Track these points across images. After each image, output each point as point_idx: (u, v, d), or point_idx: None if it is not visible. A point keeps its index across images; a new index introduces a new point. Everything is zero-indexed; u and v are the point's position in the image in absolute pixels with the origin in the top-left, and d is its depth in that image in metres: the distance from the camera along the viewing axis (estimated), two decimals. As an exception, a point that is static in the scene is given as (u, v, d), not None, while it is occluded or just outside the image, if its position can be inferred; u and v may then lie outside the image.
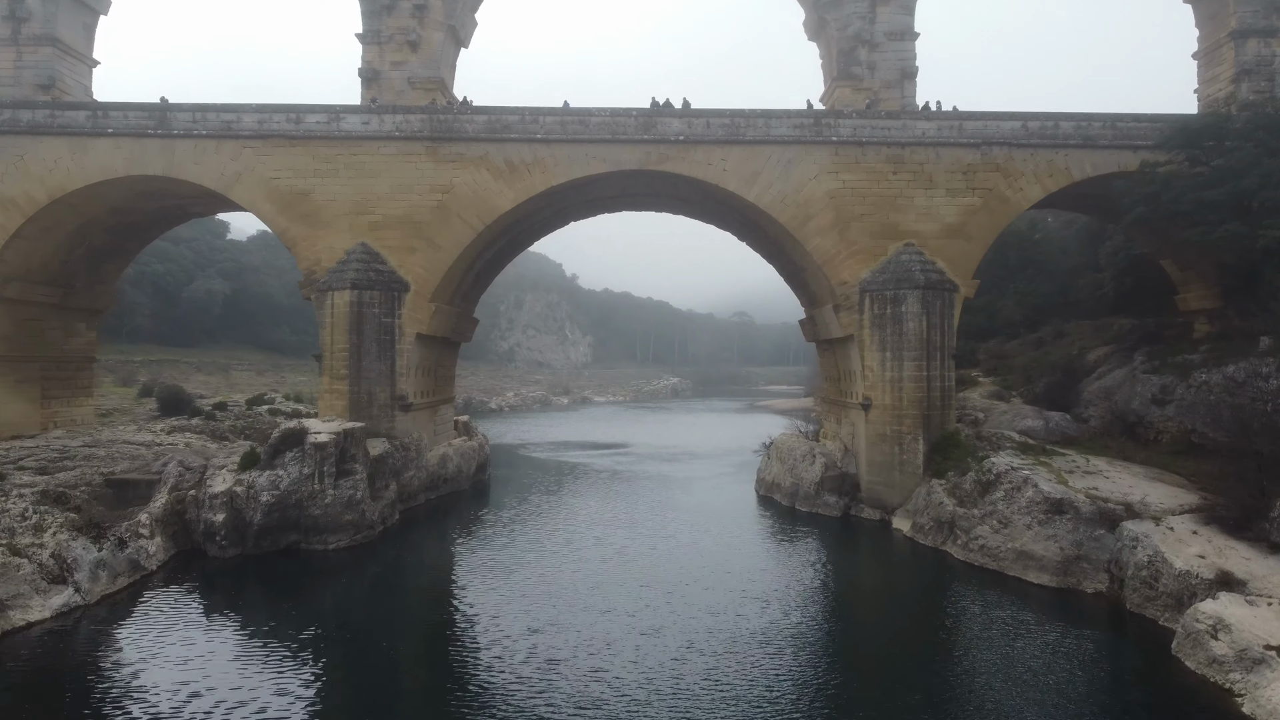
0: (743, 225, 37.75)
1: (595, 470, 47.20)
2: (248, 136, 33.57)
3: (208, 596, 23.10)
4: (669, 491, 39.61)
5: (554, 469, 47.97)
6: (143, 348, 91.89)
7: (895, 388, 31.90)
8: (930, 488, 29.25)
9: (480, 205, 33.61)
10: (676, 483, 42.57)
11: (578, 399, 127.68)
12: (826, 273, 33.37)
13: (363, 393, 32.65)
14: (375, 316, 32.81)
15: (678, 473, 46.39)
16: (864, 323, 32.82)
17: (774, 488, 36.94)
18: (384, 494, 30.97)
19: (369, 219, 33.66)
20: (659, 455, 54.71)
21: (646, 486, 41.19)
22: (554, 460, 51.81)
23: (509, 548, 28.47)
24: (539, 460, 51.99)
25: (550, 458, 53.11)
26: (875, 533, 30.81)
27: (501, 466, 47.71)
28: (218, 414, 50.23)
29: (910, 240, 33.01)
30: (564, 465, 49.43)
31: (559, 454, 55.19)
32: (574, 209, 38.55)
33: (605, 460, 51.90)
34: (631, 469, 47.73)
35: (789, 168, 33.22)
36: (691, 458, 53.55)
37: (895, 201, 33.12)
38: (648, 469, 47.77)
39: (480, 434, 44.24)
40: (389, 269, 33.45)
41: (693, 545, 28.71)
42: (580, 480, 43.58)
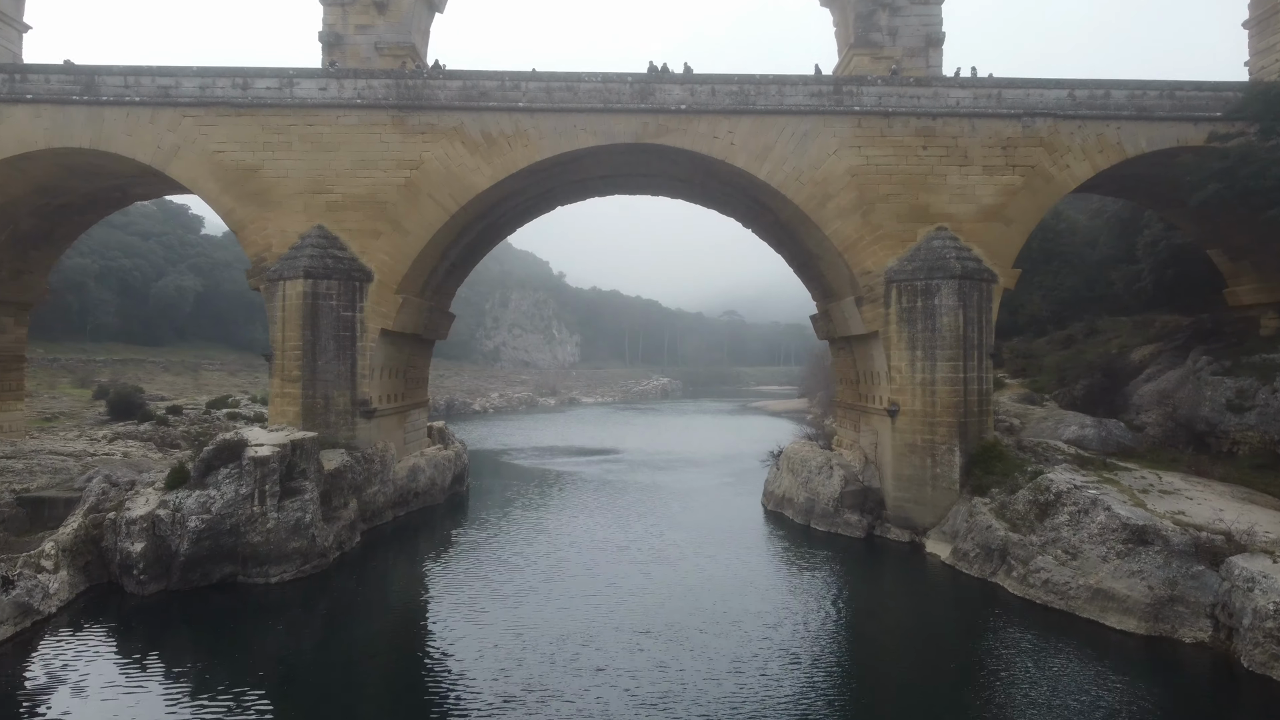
0: (749, 209, 33.77)
1: (583, 480, 43.14)
2: (188, 104, 29.32)
3: (119, 642, 18.97)
4: (666, 505, 35.59)
5: (538, 479, 43.88)
6: (107, 346, 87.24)
7: (927, 391, 28.01)
8: (972, 508, 25.35)
9: (454, 183, 29.48)
10: (673, 495, 38.56)
11: (565, 400, 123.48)
12: (847, 260, 29.43)
13: (318, 397, 28.45)
14: (333, 310, 28.62)
15: (674, 483, 42.38)
16: (890, 317, 28.91)
17: (785, 503, 32.99)
18: (341, 514, 26.82)
19: (326, 199, 29.47)
20: (652, 462, 50.68)
21: (640, 500, 37.16)
22: (539, 469, 47.70)
23: (484, 579, 24.36)
24: (522, 469, 47.86)
25: (535, 465, 48.99)
26: (907, 558, 26.88)
27: (481, 476, 43.58)
28: (170, 418, 45.91)
29: (942, 224, 29.13)
30: (549, 474, 45.34)
31: (544, 461, 51.08)
32: (560, 191, 34.45)
33: (594, 468, 47.85)
34: (623, 479, 43.69)
35: (805, 141, 29.27)
36: (687, 465, 49.56)
37: (925, 180, 29.23)
38: (641, 479, 43.75)
39: (457, 442, 40.08)
40: (349, 256, 29.28)
41: (697, 574, 24.70)
42: (567, 492, 39.50)
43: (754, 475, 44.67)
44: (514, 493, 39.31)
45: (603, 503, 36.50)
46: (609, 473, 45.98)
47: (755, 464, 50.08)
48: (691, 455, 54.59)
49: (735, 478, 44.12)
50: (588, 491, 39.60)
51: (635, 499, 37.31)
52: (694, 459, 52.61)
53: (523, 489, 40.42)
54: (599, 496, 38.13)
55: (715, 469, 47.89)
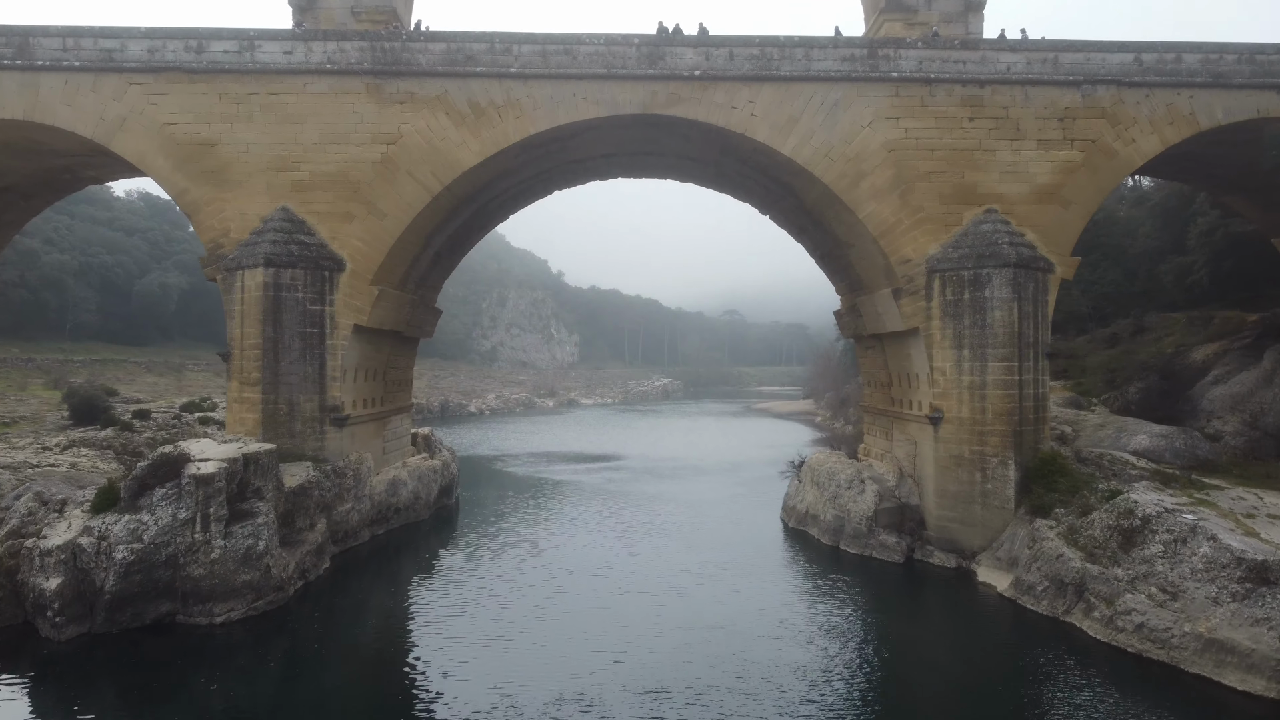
0: (769, 192, 30.26)
1: (583, 491, 39.64)
2: (135, 70, 25.81)
3: (30, 697, 15.62)
4: (674, 521, 32.10)
5: (534, 489, 40.38)
6: (86, 346, 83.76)
7: (975, 396, 24.53)
8: (1034, 531, 21.87)
9: (437, 160, 26.00)
10: (682, 508, 35.08)
11: (564, 401, 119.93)
12: (883, 247, 25.95)
13: (280, 403, 24.95)
14: (298, 303, 25.12)
15: (682, 494, 38.90)
16: (932, 312, 25.44)
17: (809, 520, 29.51)
18: (306, 537, 23.34)
19: (292, 177, 25.97)
20: (656, 470, 47.19)
21: (646, 515, 33.67)
22: (535, 477, 44.19)
23: (469, 615, 20.88)
24: (517, 477, 44.36)
25: (530, 474, 45.48)
26: (956, 588, 23.38)
27: (473, 486, 40.09)
28: (136, 424, 42.33)
29: (991, 206, 25.66)
30: (546, 484, 41.85)
31: (541, 469, 47.58)
32: (558, 172, 30.93)
33: (594, 477, 44.35)
34: (626, 489, 40.19)
35: (835, 112, 25.79)
36: (695, 473, 46.07)
37: (972, 156, 25.76)
38: (645, 489, 40.25)
39: (445, 450, 36.58)
40: (317, 241, 25.78)
41: (717, 610, 21.20)
42: (565, 504, 36.00)
43: (768, 485, 41.21)
44: (507, 506, 35.81)
45: (604, 518, 33.02)
46: (610, 482, 42.50)
47: (767, 471, 46.62)
48: (698, 462, 51.10)
49: (747, 488, 40.65)
50: (588, 504, 36.11)
51: (640, 514, 33.82)
52: (701, 466, 49.13)
53: (517, 501, 36.92)
54: (600, 510, 34.64)
55: (725, 478, 44.41)
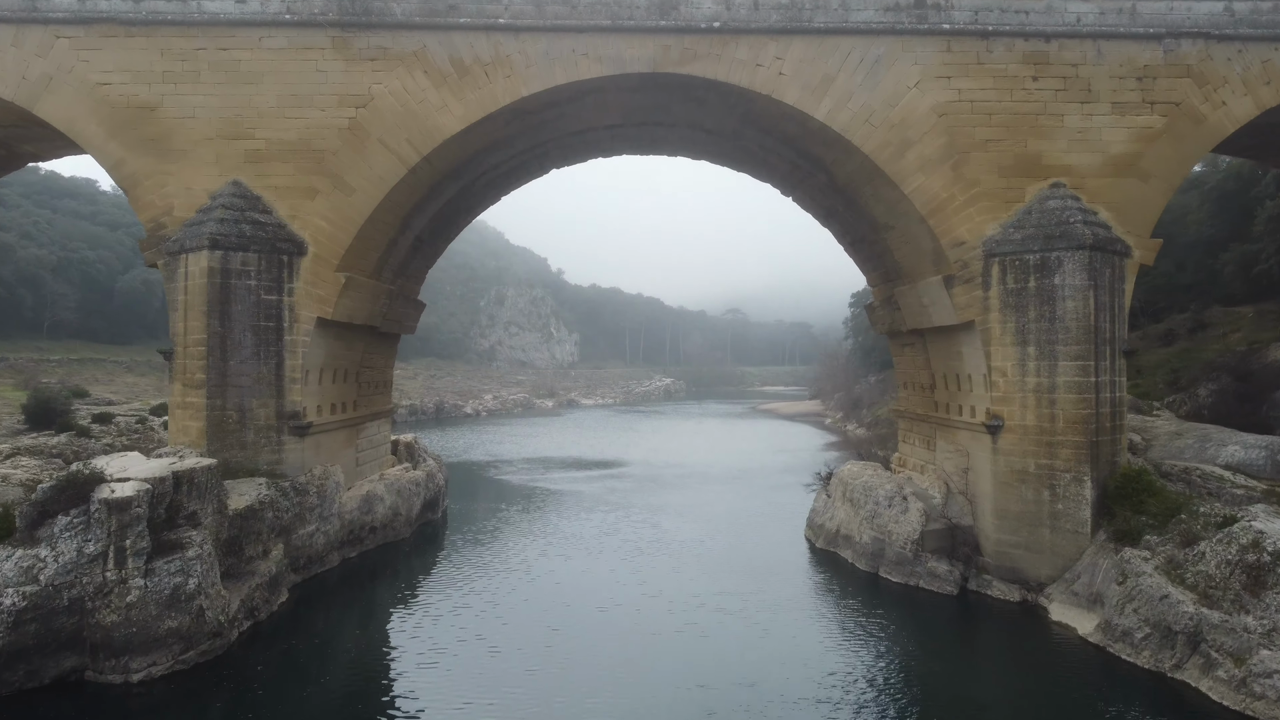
0: (794, 168, 26.64)
1: (583, 503, 36.03)
2: (62, 21, 22.20)
3: None
4: (684, 539, 28.50)
5: (530, 501, 36.76)
6: (65, 345, 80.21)
7: (1043, 401, 20.94)
8: (1123, 563, 18.26)
9: (414, 126, 22.40)
10: (692, 523, 31.49)
11: (563, 402, 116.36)
12: (932, 227, 22.35)
13: (229, 409, 21.34)
14: (251, 292, 21.52)
15: (692, 506, 35.31)
16: (991, 302, 21.83)
17: (840, 540, 25.91)
18: (256, 567, 19.75)
19: (246, 146, 22.38)
20: (662, 478, 43.59)
21: (654, 531, 30.07)
22: (531, 487, 40.57)
23: (448, 665, 17.28)
24: (512, 487, 40.74)
25: (526, 483, 41.85)
26: (1025, 628, 19.76)
27: (462, 498, 36.49)
28: (95, 428, 38.74)
29: (1059, 179, 22.06)
30: (543, 494, 38.23)
31: (538, 477, 43.95)
32: (555, 146, 27.29)
33: (596, 486, 40.74)
34: (630, 501, 36.58)
35: (877, 70, 22.19)
36: (704, 481, 42.47)
37: (1036, 122, 22.15)
38: (651, 500, 36.65)
39: (430, 459, 32.99)
40: (275, 221, 22.18)
41: (744, 659, 17.61)
42: (564, 520, 32.38)
43: (785, 495, 37.63)
44: (499, 520, 32.19)
45: (606, 535, 29.42)
46: (613, 492, 38.88)
47: (782, 480, 43.04)
48: (706, 469, 47.48)
49: (763, 499, 37.03)
50: (588, 518, 32.49)
51: (646, 530, 30.22)
52: (709, 473, 45.52)
53: (510, 515, 33.30)
54: (602, 526, 31.03)
55: (736, 488, 40.80)
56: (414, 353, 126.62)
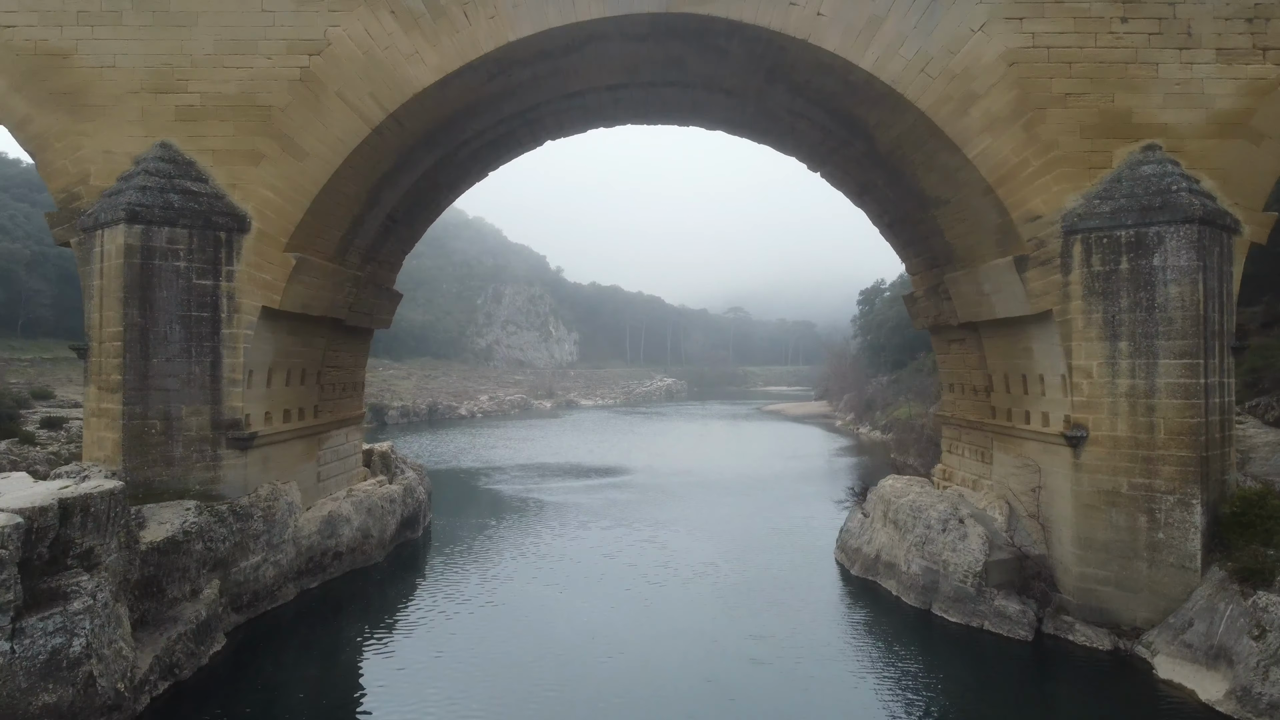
0: (827, 136, 22.91)
1: (582, 517, 32.33)
2: (-43, -48, 18.52)
3: None
4: (698, 562, 24.82)
5: (523, 514, 33.06)
6: (41, 343, 76.52)
7: (1139, 407, 17.25)
8: (1256, 611, 14.56)
9: (379, 77, 18.71)
10: (704, 541, 27.83)
11: (562, 403, 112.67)
12: (1001, 198, 18.64)
13: (151, 417, 17.64)
14: (180, 275, 17.83)
15: (701, 520, 31.64)
16: (1072, 288, 18.13)
17: (882, 569, 22.22)
18: (180, 613, 16.06)
19: (177, 101, 18.68)
20: (669, 488, 39.90)
21: (661, 554, 26.39)
22: (525, 498, 36.84)
23: None
24: (504, 499, 37.01)
25: (520, 493, 38.12)
26: (1124, 687, 16.03)
27: (448, 512, 32.78)
28: (41, 434, 35.07)
29: (1153, 141, 18.36)
30: (538, 507, 34.52)
31: (533, 487, 40.24)
32: (549, 111, 23.55)
33: (596, 497, 37.04)
34: (634, 515, 32.89)
35: (934, 11, 18.49)
36: (714, 491, 38.78)
37: (1126, 72, 18.45)
38: (657, 514, 32.95)
39: (410, 469, 29.30)
40: (211, 191, 18.49)
41: (788, 736, 13.97)
42: (561, 538, 28.69)
43: (805, 507, 33.97)
44: (488, 539, 28.49)
45: (609, 557, 25.75)
46: (614, 505, 35.17)
47: (800, 489, 39.38)
48: (715, 477, 43.78)
49: (780, 513, 33.32)
50: (588, 536, 28.81)
51: (653, 551, 26.54)
52: (719, 482, 41.83)
53: (500, 532, 29.59)
54: (604, 545, 27.35)
55: (751, 498, 37.11)
56: (408, 352, 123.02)
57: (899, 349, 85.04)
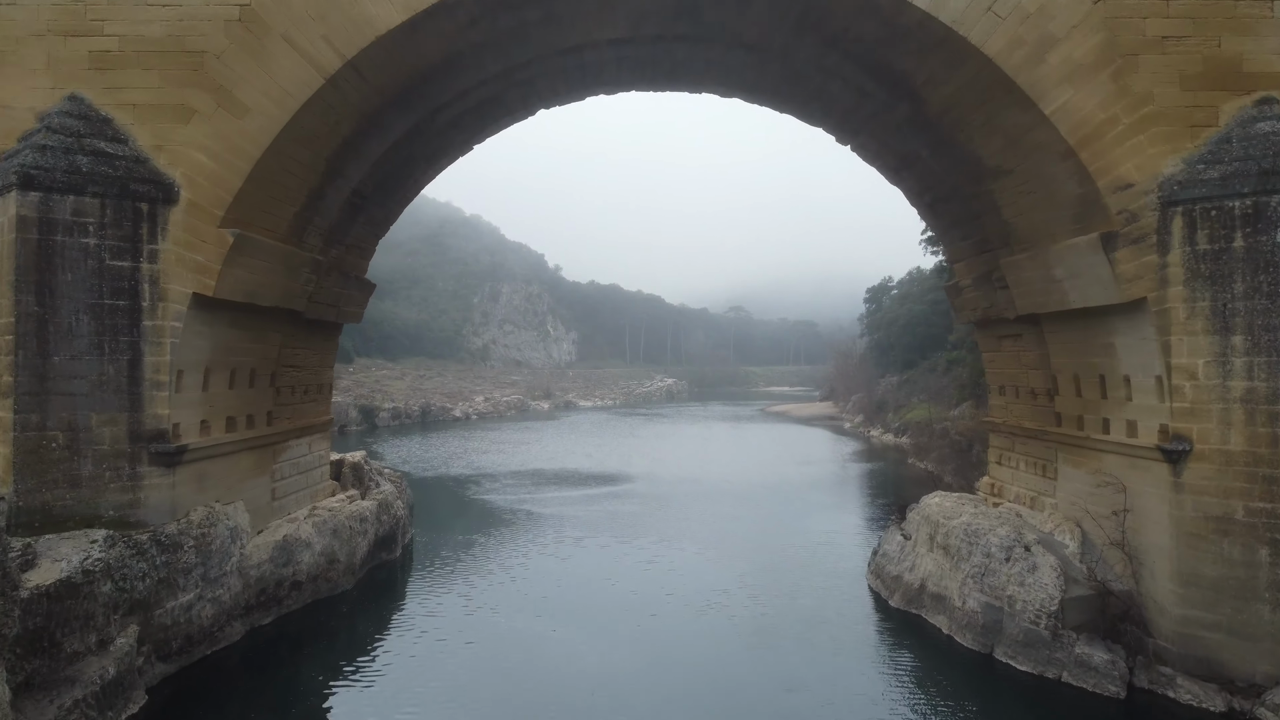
0: (863, 99, 19.70)
1: (580, 531, 29.21)
2: None
3: None
4: (709, 586, 21.66)
5: (515, 529, 29.93)
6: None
7: (1259, 415, 14.12)
8: None
9: (336, 16, 15.55)
10: (716, 562, 24.72)
11: (560, 404, 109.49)
12: (1084, 162, 15.50)
13: (52, 427, 14.45)
14: (89, 254, 14.66)
15: (711, 536, 28.56)
16: (1170, 271, 14.98)
17: (929, 602, 19.07)
18: (79, 673, 12.90)
19: (91, 46, 15.51)
20: (673, 497, 36.78)
21: (668, 576, 23.25)
22: (517, 509, 33.69)
23: None
24: (494, 510, 33.86)
25: (513, 504, 34.95)
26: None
27: (432, 527, 29.64)
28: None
29: (1268, 93, 15.23)
30: (532, 521, 31.38)
31: (526, 496, 37.10)
32: (541, 73, 20.32)
33: (595, 509, 33.90)
34: (637, 530, 29.77)
35: (1004, -64, 15.36)
36: (722, 501, 35.65)
37: (1234, 11, 15.33)
38: (663, 528, 29.83)
39: (388, 481, 26.13)
40: (130, 154, 15.31)
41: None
42: (557, 558, 25.56)
43: (822, 519, 30.89)
44: (473, 559, 25.36)
45: (610, 579, 22.63)
46: (615, 518, 32.04)
47: (817, 499, 36.31)
48: (723, 484, 40.65)
49: (798, 526, 30.20)
50: (587, 556, 25.69)
51: (660, 575, 23.39)
52: (728, 490, 38.71)
53: (488, 552, 26.45)
54: (604, 567, 24.23)
55: (763, 509, 33.99)
56: (402, 352, 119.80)
57: (909, 348, 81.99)
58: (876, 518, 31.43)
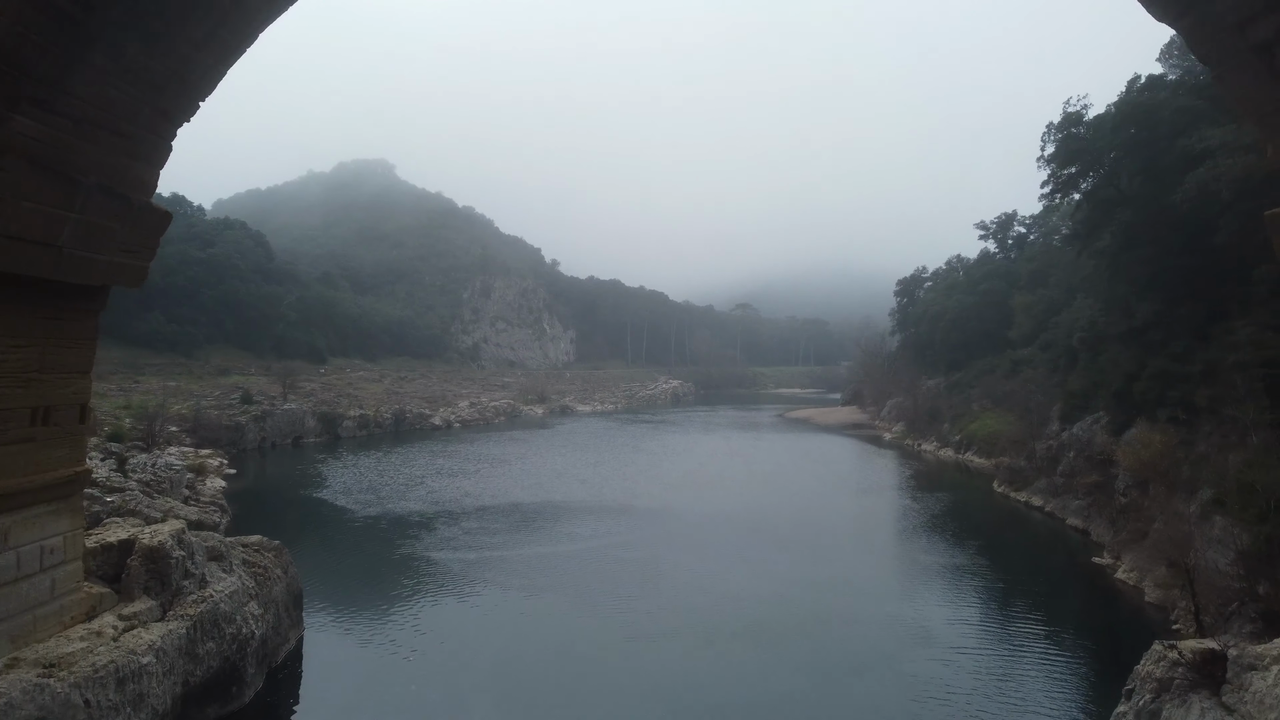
0: None
1: (574, 615, 18.46)
2: None
3: None
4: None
5: (476, 610, 19.24)
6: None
7: None
8: None
9: None
10: (784, 687, 14.06)
11: (555, 408, 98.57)
12: None
13: None
14: None
15: (770, 630, 17.87)
16: None
17: None
18: None
19: None
20: (696, 542, 26.24)
21: None
22: (477, 578, 22.88)
23: None
24: (447, 576, 23.06)
25: (471, 566, 24.14)
26: None
27: (343, 617, 18.92)
28: None
29: None
30: (501, 597, 20.67)
31: (500, 543, 26.40)
32: None
33: (592, 571, 23.20)
34: (653, 614, 19.04)
35: None
36: (766, 550, 24.98)
37: None
38: (690, 612, 19.09)
39: (234, 572, 15.37)
40: None
41: None
42: (527, 688, 14.79)
43: (938, 600, 20.15)
44: (386, 691, 14.60)
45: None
46: (619, 587, 21.32)
47: (907, 553, 25.62)
48: (766, 524, 29.97)
49: (896, 604, 19.52)
50: (586, 663, 14.95)
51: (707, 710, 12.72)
52: (775, 534, 28.04)
53: (430, 661, 15.67)
54: (618, 690, 13.59)
55: (837, 570, 23.33)
56: (384, 351, 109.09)
57: (954, 346, 71.11)
58: (1034, 613, 20.79)
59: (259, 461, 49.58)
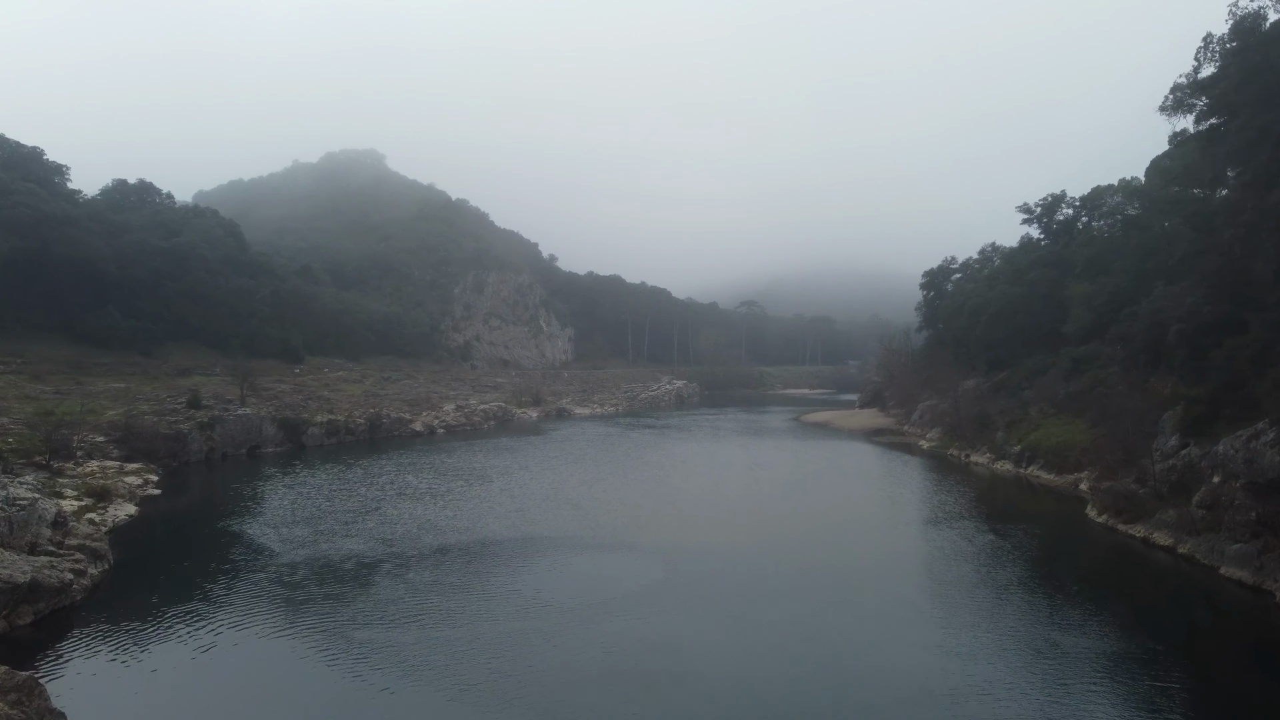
0: None
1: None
2: None
3: None
4: None
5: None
6: None
7: None
8: None
9: None
10: None
11: (551, 411, 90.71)
12: None
13: None
14: None
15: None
16: None
17: None
18: None
19: None
20: (744, 613, 18.56)
21: None
22: (405, 673, 15.32)
23: None
24: (359, 665, 15.49)
25: (412, 641, 16.59)
26: None
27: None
28: None
29: None
30: None
31: (453, 611, 18.88)
32: None
33: (589, 662, 15.61)
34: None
35: None
36: (840, 617, 17.43)
37: None
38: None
39: None
40: None
41: None
42: None
43: None
44: None
45: None
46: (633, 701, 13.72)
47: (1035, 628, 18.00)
48: (821, 567, 22.44)
49: None
50: None
51: None
52: (836, 584, 20.51)
53: None
54: None
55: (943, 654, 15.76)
56: (368, 350, 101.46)
57: (996, 344, 63.55)
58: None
59: (201, 477, 42.09)
